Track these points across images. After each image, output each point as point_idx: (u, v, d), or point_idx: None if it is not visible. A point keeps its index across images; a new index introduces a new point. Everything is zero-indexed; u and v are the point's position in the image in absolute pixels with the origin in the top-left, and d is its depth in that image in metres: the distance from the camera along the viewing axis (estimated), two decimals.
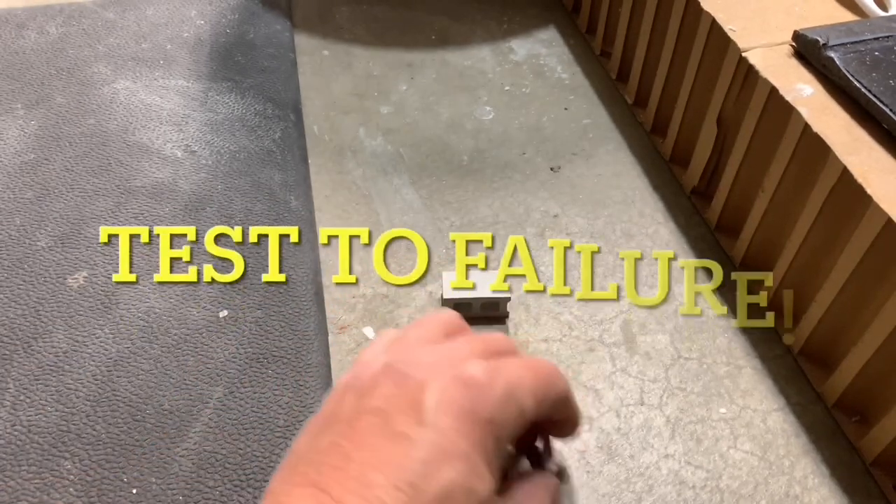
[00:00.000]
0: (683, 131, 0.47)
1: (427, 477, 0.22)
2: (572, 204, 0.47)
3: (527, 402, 0.25)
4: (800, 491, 0.34)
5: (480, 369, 0.25)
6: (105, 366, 0.37)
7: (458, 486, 0.22)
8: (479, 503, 0.23)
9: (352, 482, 0.22)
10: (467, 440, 0.23)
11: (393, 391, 0.24)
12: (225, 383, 0.36)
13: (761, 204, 0.40)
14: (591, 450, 0.36)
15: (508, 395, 0.24)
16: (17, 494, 0.32)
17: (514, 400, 0.25)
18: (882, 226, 0.32)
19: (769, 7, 0.42)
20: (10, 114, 0.50)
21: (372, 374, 0.25)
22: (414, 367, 0.25)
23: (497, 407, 0.24)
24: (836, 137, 0.35)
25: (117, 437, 0.34)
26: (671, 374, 0.39)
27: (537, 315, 0.41)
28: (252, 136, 0.49)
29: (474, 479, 0.23)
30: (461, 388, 0.24)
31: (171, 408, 0.36)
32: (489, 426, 0.24)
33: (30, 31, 0.56)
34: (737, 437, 0.36)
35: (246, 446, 0.34)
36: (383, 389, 0.24)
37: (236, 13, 0.59)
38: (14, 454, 0.34)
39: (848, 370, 0.35)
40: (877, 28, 0.39)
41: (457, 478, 0.22)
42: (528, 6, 0.62)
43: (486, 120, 0.52)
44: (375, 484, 0.22)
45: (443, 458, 0.23)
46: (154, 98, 0.51)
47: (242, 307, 0.40)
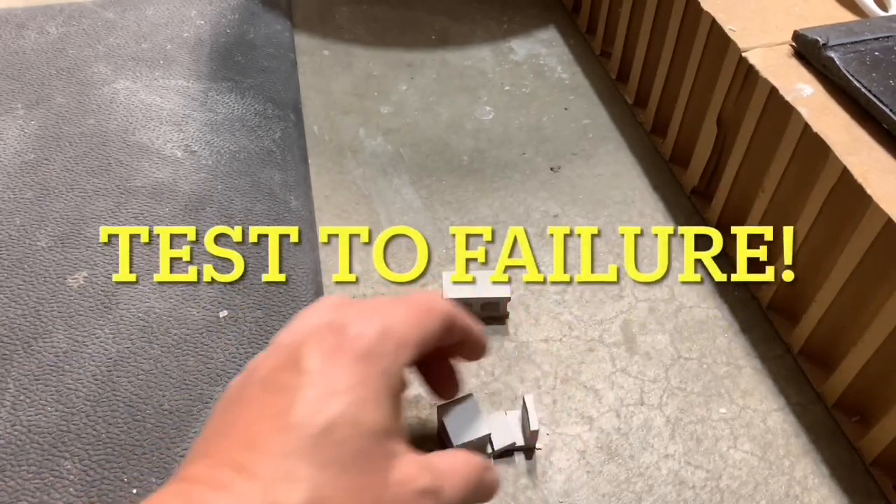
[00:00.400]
0: (683, 131, 0.47)
1: (310, 415, 0.23)
2: (572, 204, 0.47)
3: (407, 332, 0.26)
4: (800, 491, 0.34)
5: (355, 315, 0.26)
6: (105, 366, 0.37)
7: (344, 417, 0.23)
8: (368, 433, 0.23)
9: (235, 440, 0.23)
10: (347, 378, 0.24)
11: (274, 359, 0.25)
12: (225, 383, 0.36)
13: (761, 204, 0.40)
14: (591, 450, 0.36)
15: (383, 332, 0.25)
16: (17, 494, 0.32)
17: (391, 334, 0.25)
18: (882, 226, 0.32)
19: (769, 7, 0.42)
20: (10, 114, 0.50)
21: (258, 358, 0.26)
22: (291, 334, 0.26)
23: (372, 343, 0.25)
24: (836, 137, 0.35)
25: (117, 437, 0.34)
26: (671, 374, 0.39)
27: (537, 315, 0.41)
28: (252, 136, 0.49)
29: (360, 410, 0.23)
30: (335, 335, 0.25)
31: (171, 408, 0.36)
32: (369, 362, 0.24)
33: (30, 31, 0.56)
34: (737, 437, 0.36)
35: None
36: (266, 361, 0.25)
37: (236, 13, 0.59)
38: (14, 454, 0.34)
39: (848, 370, 0.35)
40: (877, 28, 0.39)
41: (341, 410, 0.23)
42: (528, 6, 0.62)
43: (486, 120, 0.52)
44: (259, 433, 0.23)
45: (324, 397, 0.23)
46: (154, 98, 0.51)
47: (242, 307, 0.40)
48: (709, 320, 0.41)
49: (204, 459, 0.23)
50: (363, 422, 0.23)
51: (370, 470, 0.23)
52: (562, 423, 0.36)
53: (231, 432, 0.23)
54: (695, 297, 0.42)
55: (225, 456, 0.23)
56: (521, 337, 0.40)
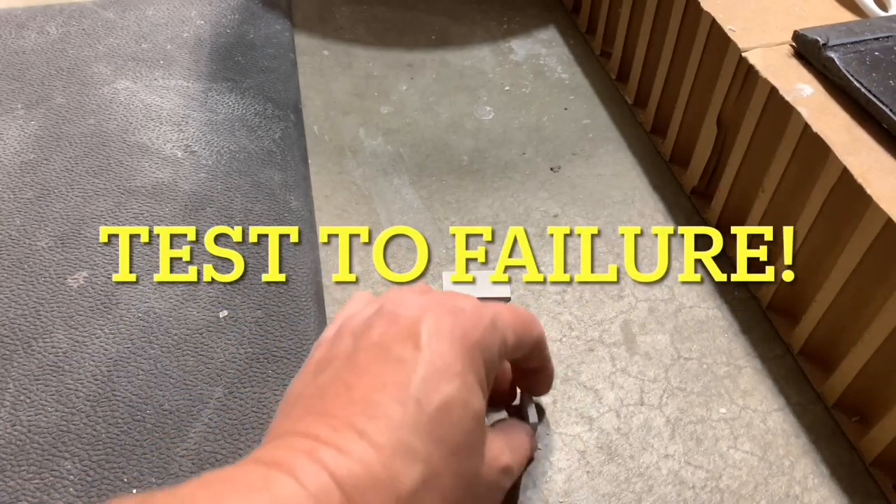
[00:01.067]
0: (683, 131, 0.47)
1: (428, 393, 0.24)
2: (572, 204, 0.47)
3: (509, 333, 0.28)
4: (800, 491, 0.34)
5: (469, 304, 0.27)
6: (105, 366, 0.37)
7: (457, 399, 0.24)
8: (474, 416, 0.25)
9: (356, 405, 0.24)
10: (461, 361, 0.25)
11: (389, 327, 0.26)
12: (225, 383, 0.36)
13: (761, 204, 0.40)
14: (591, 450, 0.36)
15: (493, 324, 0.27)
16: (17, 494, 0.32)
17: (498, 329, 0.27)
18: (882, 226, 0.32)
19: (769, 7, 0.42)
20: (10, 114, 0.50)
21: (364, 318, 0.27)
22: (406, 307, 0.27)
23: (484, 333, 0.27)
24: (836, 137, 0.35)
25: (117, 437, 0.34)
26: (671, 374, 0.39)
27: (537, 315, 0.41)
28: (252, 136, 0.49)
29: (469, 394, 0.25)
30: (452, 317, 0.26)
31: (171, 408, 0.36)
32: (478, 350, 0.26)
33: (30, 31, 0.56)
34: (737, 437, 0.36)
35: (246, 446, 0.34)
36: (379, 328, 0.26)
37: (236, 13, 0.59)
38: (14, 454, 0.34)
39: (848, 370, 0.35)
40: (877, 28, 0.39)
41: (455, 392, 0.24)
42: (528, 6, 0.62)
43: (486, 120, 0.52)
44: (379, 402, 0.24)
45: (440, 376, 0.25)
46: (154, 98, 0.51)
47: (242, 307, 0.40)
48: (709, 320, 0.41)
49: (324, 418, 0.24)
50: (472, 405, 0.25)
51: (473, 451, 0.25)
52: (562, 424, 0.36)
53: (350, 395, 0.24)
54: (695, 297, 0.42)
55: (346, 419, 0.23)
56: None
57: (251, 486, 0.21)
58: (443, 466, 0.24)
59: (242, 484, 0.21)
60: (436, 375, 0.24)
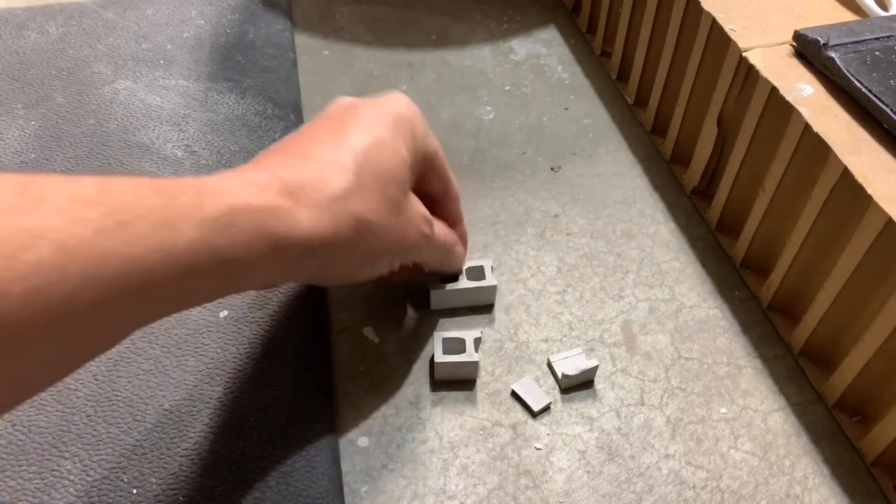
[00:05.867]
0: (684, 131, 0.47)
1: (362, 133, 0.31)
2: (572, 204, 0.47)
3: (421, 120, 0.34)
4: (800, 491, 0.34)
5: (387, 97, 0.34)
6: (105, 366, 0.37)
7: (387, 141, 0.31)
8: (402, 161, 0.31)
9: (304, 143, 0.31)
10: (391, 128, 0.31)
11: (334, 109, 0.33)
12: (225, 383, 0.36)
13: (762, 204, 0.40)
14: (592, 450, 0.36)
15: (409, 107, 0.33)
16: (18, 494, 0.32)
17: (415, 112, 0.34)
18: (882, 226, 0.32)
19: (769, 7, 0.42)
20: (10, 114, 0.50)
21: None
22: (349, 102, 0.34)
23: (406, 112, 0.33)
24: (836, 137, 0.35)
25: (117, 437, 0.34)
26: (671, 374, 0.39)
27: (537, 315, 0.41)
28: (252, 136, 0.49)
29: (399, 144, 0.31)
30: (378, 105, 0.33)
31: (171, 408, 0.36)
32: (404, 119, 0.32)
33: (30, 31, 0.56)
34: (737, 437, 0.36)
35: (246, 446, 0.34)
36: (325, 114, 0.33)
37: (236, 13, 0.59)
38: (14, 454, 0.34)
39: (848, 370, 0.35)
40: (877, 28, 0.39)
41: (385, 136, 0.31)
42: (528, 6, 0.62)
43: (487, 120, 0.52)
44: (322, 139, 0.30)
45: (373, 125, 0.31)
46: (154, 98, 0.51)
47: (242, 307, 0.40)
48: (709, 320, 0.41)
49: (278, 154, 0.30)
50: (400, 152, 0.31)
51: (399, 185, 0.31)
52: (562, 423, 0.36)
53: (300, 137, 0.31)
54: (695, 297, 0.42)
55: (296, 151, 0.30)
56: (521, 337, 0.40)
57: (206, 180, 0.26)
58: (370, 183, 0.30)
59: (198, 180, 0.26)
60: (369, 125, 0.31)
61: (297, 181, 0.28)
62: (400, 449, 0.35)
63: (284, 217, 0.27)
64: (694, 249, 0.44)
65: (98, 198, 0.22)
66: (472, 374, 0.38)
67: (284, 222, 0.27)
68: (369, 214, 0.29)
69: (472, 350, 0.37)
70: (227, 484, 0.33)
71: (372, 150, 0.30)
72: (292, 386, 0.37)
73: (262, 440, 0.34)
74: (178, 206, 0.24)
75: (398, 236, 0.31)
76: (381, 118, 0.32)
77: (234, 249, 0.26)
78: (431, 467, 0.35)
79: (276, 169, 0.29)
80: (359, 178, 0.29)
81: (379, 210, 0.30)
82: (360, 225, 0.29)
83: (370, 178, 0.30)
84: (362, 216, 0.29)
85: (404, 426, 0.36)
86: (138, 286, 0.23)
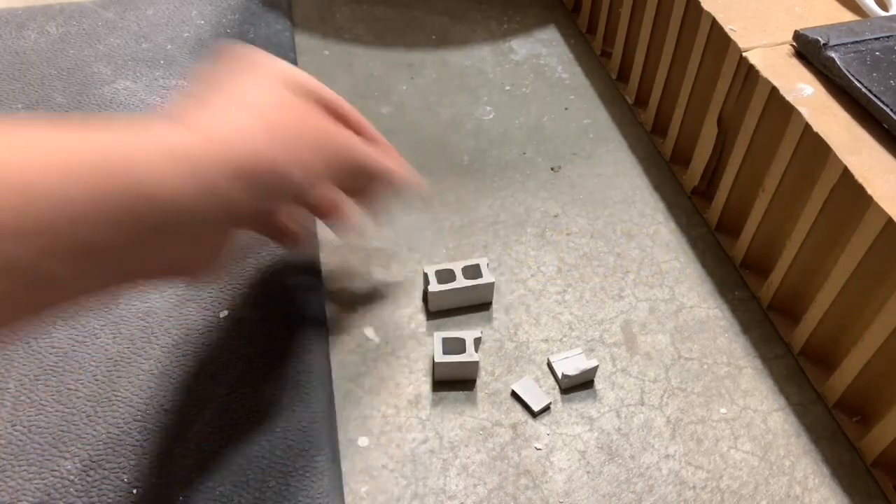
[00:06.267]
0: (684, 131, 0.47)
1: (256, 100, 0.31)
2: (572, 204, 0.47)
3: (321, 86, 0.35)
4: (800, 491, 0.34)
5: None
6: (105, 366, 0.37)
7: (287, 68, 0.33)
8: (310, 85, 0.33)
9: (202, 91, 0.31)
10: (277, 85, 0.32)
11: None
12: (225, 383, 0.36)
13: (762, 204, 0.40)
14: (592, 450, 0.36)
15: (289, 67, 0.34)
16: (18, 494, 0.32)
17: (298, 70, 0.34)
18: (882, 226, 0.32)
19: (769, 7, 0.42)
20: (10, 114, 0.50)
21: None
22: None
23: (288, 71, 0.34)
24: (836, 137, 0.35)
25: (117, 437, 0.34)
26: (671, 374, 0.39)
27: (537, 315, 0.41)
28: None
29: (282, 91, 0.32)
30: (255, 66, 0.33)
31: (171, 408, 0.36)
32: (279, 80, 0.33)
33: (30, 31, 0.56)
34: (737, 437, 0.36)
35: (246, 446, 0.34)
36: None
37: (236, 13, 0.59)
38: (14, 454, 0.34)
39: (848, 370, 0.35)
40: (877, 28, 0.39)
41: (284, 65, 0.33)
42: (529, 6, 0.62)
43: (487, 120, 0.52)
44: (227, 80, 0.32)
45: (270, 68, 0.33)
46: (154, 98, 0.51)
47: (242, 307, 0.40)
48: (709, 320, 0.41)
49: (181, 102, 0.30)
50: (310, 86, 0.34)
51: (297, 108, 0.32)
52: (562, 424, 0.36)
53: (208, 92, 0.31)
54: (695, 297, 0.42)
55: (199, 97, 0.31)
56: (521, 337, 0.40)
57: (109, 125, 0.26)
58: (282, 91, 0.32)
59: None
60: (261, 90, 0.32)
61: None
62: (400, 449, 0.35)
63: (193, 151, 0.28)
64: (694, 249, 0.44)
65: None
66: (472, 374, 0.38)
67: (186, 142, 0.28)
68: (274, 119, 0.31)
69: (472, 350, 0.37)
70: (227, 484, 0.33)
71: (279, 73, 0.33)
72: (292, 386, 0.37)
73: (262, 440, 0.34)
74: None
75: (314, 132, 0.32)
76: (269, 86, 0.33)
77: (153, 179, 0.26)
78: (431, 467, 0.35)
79: (178, 115, 0.29)
80: (276, 93, 0.32)
81: (291, 112, 0.32)
82: (268, 126, 0.30)
83: (284, 88, 0.32)
84: (270, 118, 0.30)
85: (404, 426, 0.36)
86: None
